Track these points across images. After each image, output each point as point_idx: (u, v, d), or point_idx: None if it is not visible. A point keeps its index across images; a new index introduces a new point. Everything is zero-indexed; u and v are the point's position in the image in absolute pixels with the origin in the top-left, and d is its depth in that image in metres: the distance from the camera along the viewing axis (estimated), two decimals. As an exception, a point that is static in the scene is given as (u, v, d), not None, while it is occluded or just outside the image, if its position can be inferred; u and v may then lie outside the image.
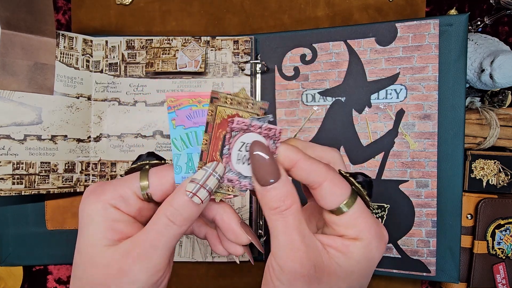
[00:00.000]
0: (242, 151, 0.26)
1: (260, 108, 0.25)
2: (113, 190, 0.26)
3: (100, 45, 0.52)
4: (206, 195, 0.24)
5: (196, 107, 0.26)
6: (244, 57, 0.51)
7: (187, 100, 0.26)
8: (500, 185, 0.50)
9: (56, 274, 0.58)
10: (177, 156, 0.27)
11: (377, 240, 0.24)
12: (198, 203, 0.24)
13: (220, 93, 0.25)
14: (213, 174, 0.25)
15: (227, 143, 0.25)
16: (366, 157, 0.49)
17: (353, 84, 0.49)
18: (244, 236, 0.27)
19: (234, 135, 0.25)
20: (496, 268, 0.49)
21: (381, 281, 0.54)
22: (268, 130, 0.25)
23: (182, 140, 0.27)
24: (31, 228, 0.53)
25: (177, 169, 0.26)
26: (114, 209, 0.25)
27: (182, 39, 0.51)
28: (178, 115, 0.26)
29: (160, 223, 0.24)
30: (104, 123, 0.52)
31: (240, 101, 0.25)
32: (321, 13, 0.55)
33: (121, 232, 0.25)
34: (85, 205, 0.25)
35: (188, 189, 0.24)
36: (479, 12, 0.54)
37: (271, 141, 0.25)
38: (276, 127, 0.25)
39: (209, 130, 0.26)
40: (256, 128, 0.25)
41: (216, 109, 0.25)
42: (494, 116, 0.49)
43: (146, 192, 0.26)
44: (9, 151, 0.46)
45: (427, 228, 0.47)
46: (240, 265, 0.56)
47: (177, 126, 0.26)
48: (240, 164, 0.26)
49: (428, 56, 0.46)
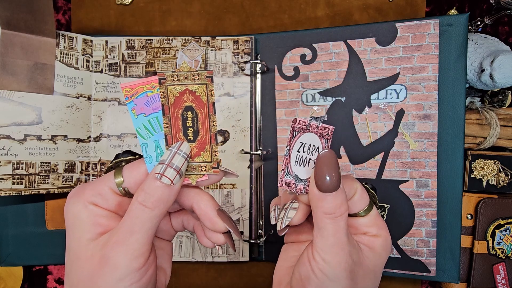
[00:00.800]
0: (300, 152, 0.26)
1: (206, 77, 0.25)
2: (91, 189, 0.27)
3: (100, 45, 0.52)
4: (175, 174, 0.25)
5: (152, 93, 0.26)
6: (244, 57, 0.51)
7: (141, 87, 0.26)
8: (500, 185, 0.50)
9: (56, 274, 0.58)
10: (144, 145, 0.27)
11: (389, 236, 0.30)
12: (168, 184, 0.25)
13: (166, 72, 0.25)
14: (177, 153, 0.26)
15: (288, 144, 0.26)
16: (366, 157, 0.49)
17: (353, 84, 0.49)
18: (220, 223, 0.27)
19: (295, 135, 0.26)
20: (496, 268, 0.49)
21: (381, 281, 0.54)
22: (322, 129, 0.26)
23: (146, 128, 0.27)
24: (31, 228, 0.53)
25: (147, 158, 0.27)
26: (94, 206, 0.26)
27: (182, 39, 0.51)
28: (137, 103, 0.26)
29: (134, 208, 0.25)
30: (104, 123, 0.52)
31: (186, 75, 0.25)
32: (321, 13, 0.55)
33: (103, 225, 0.26)
34: (69, 207, 0.27)
35: (156, 171, 0.25)
36: (479, 12, 0.54)
37: (324, 140, 0.26)
38: (330, 126, 0.26)
39: (166, 112, 0.26)
40: (314, 127, 0.26)
41: (166, 89, 0.25)
42: (494, 116, 0.49)
43: (123, 187, 0.27)
44: (9, 151, 0.46)
45: (427, 228, 0.47)
46: (240, 265, 0.56)
47: (138, 115, 0.26)
48: (298, 166, 0.26)
49: (428, 56, 0.46)
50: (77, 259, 0.26)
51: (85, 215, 0.26)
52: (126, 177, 0.27)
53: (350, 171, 0.49)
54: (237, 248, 0.53)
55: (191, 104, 0.26)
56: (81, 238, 0.26)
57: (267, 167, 0.53)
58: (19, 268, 0.55)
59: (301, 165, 0.26)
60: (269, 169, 0.52)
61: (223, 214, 0.28)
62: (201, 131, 0.26)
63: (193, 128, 0.26)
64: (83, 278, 0.25)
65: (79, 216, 0.26)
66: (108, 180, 0.27)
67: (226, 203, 0.52)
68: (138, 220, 0.25)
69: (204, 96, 0.26)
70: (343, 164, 0.49)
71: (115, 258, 0.24)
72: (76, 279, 0.25)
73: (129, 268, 0.25)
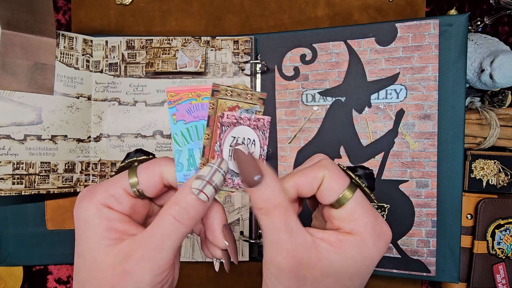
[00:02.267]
0: (233, 146, 0.25)
1: (259, 98, 0.25)
2: (104, 191, 0.25)
3: (100, 45, 0.52)
4: (213, 191, 0.24)
5: (196, 101, 0.26)
6: (244, 57, 0.51)
7: (187, 94, 0.26)
8: (500, 185, 0.50)
9: (56, 274, 0.58)
10: (178, 152, 0.26)
11: (375, 237, 0.24)
12: (204, 201, 0.24)
13: (221, 85, 0.25)
14: (218, 170, 0.24)
15: (218, 140, 0.25)
16: (366, 157, 0.49)
17: (353, 84, 0.49)
18: (221, 240, 0.26)
19: (224, 130, 0.25)
20: (496, 268, 0.49)
21: (381, 281, 0.54)
22: (256, 121, 0.25)
23: (183, 136, 0.26)
24: (31, 228, 0.53)
25: (178, 166, 0.26)
26: (108, 209, 0.25)
27: (182, 39, 0.51)
28: (179, 109, 0.26)
29: (166, 223, 0.24)
30: (104, 123, 0.52)
31: (239, 92, 0.25)
32: (321, 13, 0.55)
33: (119, 231, 0.25)
34: (79, 210, 0.25)
35: (194, 186, 0.24)
36: (479, 12, 0.54)
37: (260, 132, 0.25)
38: (265, 117, 0.25)
39: (210, 124, 0.25)
40: (246, 120, 0.25)
41: (217, 101, 0.25)
42: (494, 116, 0.49)
43: (137, 189, 0.26)
44: (9, 151, 0.46)
45: (427, 228, 0.47)
46: (240, 265, 0.56)
47: (177, 121, 0.26)
48: (232, 161, 0.25)
49: (428, 56, 0.46)
50: (95, 268, 0.24)
51: (99, 219, 0.24)
52: (141, 178, 0.25)
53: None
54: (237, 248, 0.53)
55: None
56: (98, 245, 0.24)
57: (267, 167, 0.53)
58: (19, 268, 0.55)
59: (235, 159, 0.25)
60: (269, 169, 0.52)
61: (227, 232, 0.27)
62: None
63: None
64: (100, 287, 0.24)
65: (91, 220, 0.25)
66: (122, 181, 0.26)
67: (226, 203, 0.52)
68: (169, 237, 0.24)
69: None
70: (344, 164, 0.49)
71: (140, 273, 0.23)
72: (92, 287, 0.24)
73: (152, 283, 0.24)
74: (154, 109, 0.52)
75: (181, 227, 0.24)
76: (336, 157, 0.50)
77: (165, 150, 0.51)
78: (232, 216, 0.52)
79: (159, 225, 0.24)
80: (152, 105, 0.52)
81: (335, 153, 0.50)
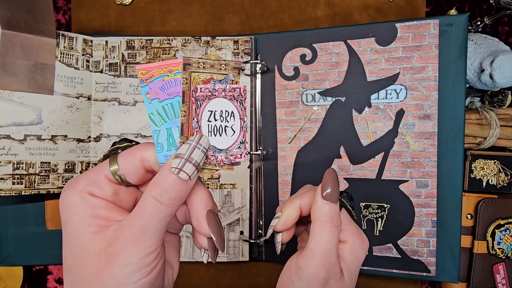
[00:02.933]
0: (211, 121, 0.24)
1: (233, 68, 0.24)
2: (86, 178, 0.25)
3: (100, 45, 0.52)
4: (193, 169, 0.24)
5: (168, 77, 0.25)
6: (244, 57, 0.51)
7: (158, 70, 0.24)
8: (500, 185, 0.50)
9: (56, 274, 0.58)
10: (156, 132, 0.25)
11: (360, 240, 0.30)
12: (185, 179, 0.24)
13: (192, 58, 0.24)
14: (197, 147, 0.24)
15: (195, 115, 0.24)
16: (366, 157, 0.49)
17: (353, 84, 0.49)
18: (205, 226, 0.25)
19: (199, 104, 0.24)
20: (496, 268, 0.49)
21: (381, 281, 0.54)
22: (232, 91, 0.24)
23: (159, 115, 0.25)
24: (31, 228, 0.53)
25: (158, 147, 0.25)
26: (91, 196, 0.25)
27: (182, 39, 0.51)
28: (152, 87, 0.25)
29: (147, 204, 0.24)
30: (104, 123, 0.52)
31: (212, 63, 0.24)
32: (321, 13, 0.55)
33: (103, 218, 0.25)
34: (64, 199, 0.25)
35: (173, 165, 0.23)
36: (479, 12, 0.54)
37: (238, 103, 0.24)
38: (240, 86, 0.24)
39: (186, 100, 0.24)
40: (220, 92, 0.24)
41: (190, 75, 0.24)
42: (494, 116, 0.49)
43: (119, 175, 0.25)
44: (9, 151, 0.46)
45: (427, 228, 0.47)
46: (240, 265, 0.56)
47: (152, 100, 0.25)
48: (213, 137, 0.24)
49: (428, 56, 0.46)
50: (81, 255, 0.24)
51: (83, 207, 0.24)
52: (121, 164, 0.25)
53: (350, 171, 0.49)
54: (237, 248, 0.53)
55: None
56: (83, 232, 0.24)
57: (267, 167, 0.53)
58: (19, 268, 0.55)
59: (216, 135, 0.24)
60: (269, 169, 0.52)
61: (212, 217, 0.26)
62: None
63: None
64: (89, 274, 0.24)
65: (75, 209, 0.25)
66: (103, 168, 0.26)
67: (226, 203, 0.52)
68: (153, 219, 0.23)
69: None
70: (343, 164, 0.49)
71: (126, 256, 0.23)
72: (80, 275, 0.24)
73: (140, 265, 0.23)
74: (154, 109, 0.52)
75: (163, 208, 0.23)
76: (336, 157, 0.50)
77: (165, 150, 0.51)
78: (232, 216, 0.52)
79: (142, 207, 0.24)
80: (152, 105, 0.52)
81: (335, 153, 0.50)
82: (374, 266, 0.49)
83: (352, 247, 0.29)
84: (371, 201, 0.49)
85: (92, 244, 0.24)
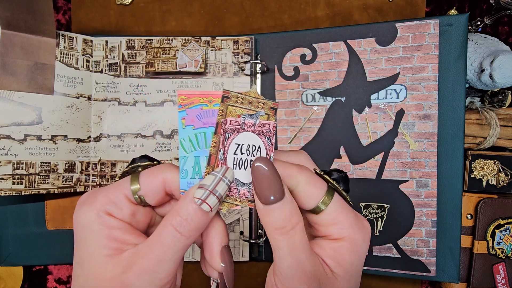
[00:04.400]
0: (237, 154, 0.24)
1: (270, 108, 0.24)
2: (104, 196, 0.24)
3: (100, 45, 0.52)
4: (216, 202, 0.23)
5: (207, 107, 0.24)
6: (244, 57, 0.51)
7: (198, 99, 0.24)
8: (500, 185, 0.50)
9: (56, 274, 0.58)
10: (184, 158, 0.25)
11: (361, 233, 0.24)
12: (207, 211, 0.23)
13: (232, 92, 0.24)
14: (222, 180, 0.23)
15: (222, 147, 0.24)
16: (366, 157, 0.49)
17: (353, 84, 0.49)
18: (217, 263, 0.25)
19: (228, 137, 0.24)
20: (496, 268, 0.49)
21: (381, 281, 0.54)
22: (262, 127, 0.24)
23: (191, 141, 0.25)
24: (31, 228, 0.53)
25: (183, 173, 0.25)
26: (108, 216, 0.24)
27: (182, 39, 0.51)
28: (189, 114, 0.24)
29: (167, 234, 0.23)
30: (104, 123, 0.52)
31: (251, 100, 0.24)
32: (321, 13, 0.55)
33: (119, 240, 0.24)
34: (79, 216, 0.24)
35: (196, 196, 0.23)
36: (479, 12, 0.54)
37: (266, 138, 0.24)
38: (270, 122, 0.24)
39: (218, 131, 0.24)
40: (250, 126, 0.24)
41: (226, 108, 0.24)
42: (494, 116, 0.49)
43: (139, 195, 0.25)
44: (9, 151, 0.46)
45: (427, 228, 0.47)
46: (240, 265, 0.56)
47: (186, 126, 0.25)
48: (237, 170, 0.24)
49: (428, 56, 0.46)
50: (93, 277, 0.23)
51: (99, 226, 0.23)
52: (143, 184, 0.25)
53: (350, 171, 0.49)
54: (237, 248, 0.53)
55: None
56: (96, 253, 0.23)
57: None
58: (19, 268, 0.55)
59: (241, 168, 0.24)
60: (269, 169, 0.52)
61: (226, 255, 0.25)
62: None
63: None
64: None
65: (91, 227, 0.24)
66: (123, 187, 0.25)
67: (226, 203, 0.52)
68: (171, 249, 0.23)
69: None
70: (343, 164, 0.49)
71: (140, 286, 0.22)
72: None
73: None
74: (154, 109, 0.52)
75: (183, 239, 0.23)
76: (336, 157, 0.50)
77: (165, 150, 0.51)
78: (232, 216, 0.52)
79: (160, 235, 0.23)
80: (152, 105, 0.52)
81: (335, 153, 0.50)
82: (374, 266, 0.49)
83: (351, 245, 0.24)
84: (371, 201, 0.49)
85: (105, 268, 0.23)
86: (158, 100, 0.52)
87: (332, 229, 0.24)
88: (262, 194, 0.22)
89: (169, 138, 0.52)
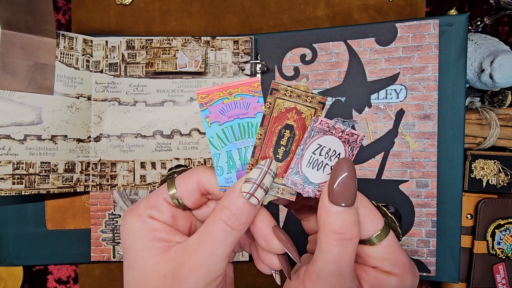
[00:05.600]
0: (316, 154, 0.24)
1: (319, 102, 0.24)
2: (145, 203, 0.26)
3: (100, 45, 0.52)
4: (263, 194, 0.23)
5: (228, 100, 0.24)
6: (244, 57, 0.51)
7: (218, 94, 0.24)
8: (500, 185, 0.50)
9: (56, 274, 0.58)
10: (216, 156, 0.25)
11: (413, 276, 0.24)
12: (255, 204, 0.23)
13: (281, 84, 0.24)
14: (268, 172, 0.23)
15: (303, 143, 0.24)
16: (366, 157, 0.49)
17: (353, 84, 0.49)
18: (275, 242, 0.24)
19: (313, 135, 0.24)
20: (496, 268, 0.49)
21: (381, 281, 0.54)
22: (350, 136, 0.23)
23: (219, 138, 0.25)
24: (31, 228, 0.53)
25: (218, 170, 0.25)
26: (151, 219, 0.25)
27: (182, 39, 0.51)
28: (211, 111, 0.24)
29: (217, 228, 0.23)
30: (104, 123, 0.52)
31: (299, 93, 0.24)
32: (321, 13, 0.55)
33: (164, 240, 0.25)
34: (124, 225, 0.25)
35: (244, 190, 0.23)
36: (479, 12, 0.54)
37: (349, 147, 0.24)
38: (360, 133, 0.23)
39: (265, 123, 0.24)
40: (338, 131, 0.24)
41: (275, 101, 0.24)
42: (494, 116, 0.49)
43: (177, 198, 0.26)
44: (9, 151, 0.46)
45: (427, 228, 0.47)
46: (240, 265, 0.56)
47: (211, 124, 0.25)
48: (310, 169, 0.24)
49: (428, 56, 0.46)
50: (146, 278, 0.24)
51: (143, 231, 0.24)
52: (178, 187, 0.26)
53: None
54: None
55: (293, 123, 0.24)
56: (146, 255, 0.24)
57: (267, 167, 0.53)
58: (19, 268, 0.55)
59: (314, 168, 0.24)
60: (269, 169, 0.52)
61: (279, 232, 0.25)
62: (292, 153, 0.24)
63: (285, 147, 0.24)
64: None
65: (137, 233, 0.25)
66: (162, 191, 0.26)
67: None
68: (222, 243, 0.23)
69: (309, 120, 0.24)
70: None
71: (196, 280, 0.23)
72: None
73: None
74: (154, 109, 0.52)
75: (233, 233, 0.23)
76: (336, 157, 0.50)
77: (165, 150, 0.51)
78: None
79: (210, 230, 0.23)
80: (152, 105, 0.52)
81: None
82: (374, 266, 0.49)
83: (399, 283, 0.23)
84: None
85: (157, 267, 0.24)
86: (158, 100, 0.52)
87: (383, 263, 0.24)
88: (337, 193, 0.22)
89: (169, 138, 0.52)
